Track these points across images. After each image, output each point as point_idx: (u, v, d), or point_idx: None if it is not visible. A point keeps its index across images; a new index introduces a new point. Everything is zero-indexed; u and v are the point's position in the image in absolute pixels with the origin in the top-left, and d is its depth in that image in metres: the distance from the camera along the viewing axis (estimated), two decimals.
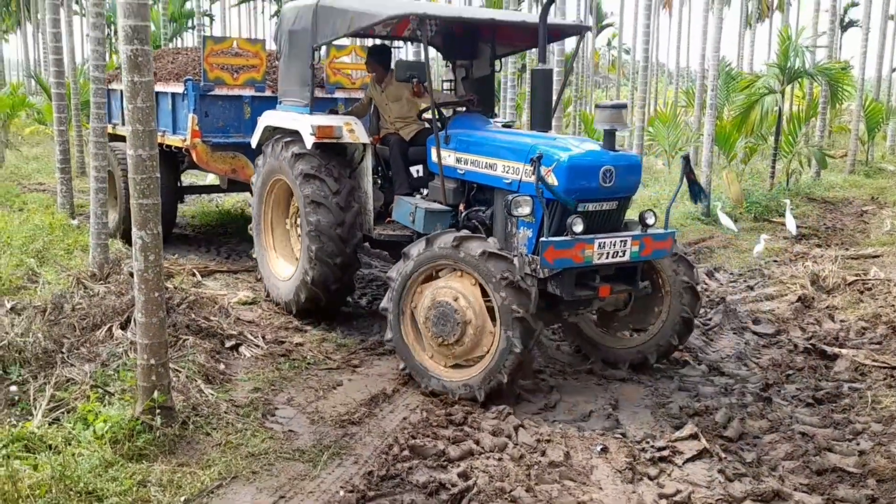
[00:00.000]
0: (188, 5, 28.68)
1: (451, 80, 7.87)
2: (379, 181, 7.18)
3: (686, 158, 5.95)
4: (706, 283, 8.96)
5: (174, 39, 28.04)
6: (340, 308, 7.28)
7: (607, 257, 5.37)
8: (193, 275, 8.50)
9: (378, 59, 7.47)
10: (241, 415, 4.98)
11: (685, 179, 5.87)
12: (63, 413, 4.63)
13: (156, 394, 4.46)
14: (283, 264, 7.51)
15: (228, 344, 6.18)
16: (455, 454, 4.58)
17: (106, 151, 7.72)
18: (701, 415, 5.29)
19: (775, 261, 9.93)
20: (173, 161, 9.56)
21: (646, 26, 15.49)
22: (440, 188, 6.37)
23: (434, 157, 6.39)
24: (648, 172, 17.55)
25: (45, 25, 6.87)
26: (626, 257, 5.44)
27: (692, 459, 4.70)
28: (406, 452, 4.56)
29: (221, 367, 5.67)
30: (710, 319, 7.57)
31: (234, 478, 4.22)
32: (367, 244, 7.22)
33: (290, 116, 7.12)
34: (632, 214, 6.09)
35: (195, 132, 8.37)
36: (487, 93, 7.51)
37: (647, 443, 4.88)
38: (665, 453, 4.74)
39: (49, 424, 4.50)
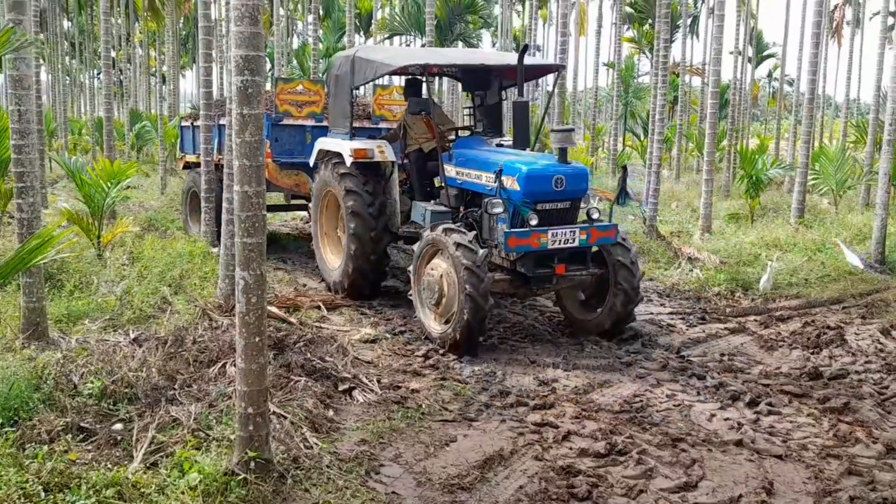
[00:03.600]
0: (343, 40, 29.66)
1: (469, 107, 9.65)
2: (406, 190, 9.00)
3: (624, 168, 8.22)
4: (881, 343, 7.84)
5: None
6: (380, 288, 9.16)
7: (560, 243, 7.20)
8: (318, 308, 8.36)
9: (411, 90, 9.38)
10: (344, 470, 4.61)
11: (620, 185, 8.00)
12: (162, 457, 4.43)
13: (253, 446, 4.17)
14: (333, 257, 9.49)
15: (342, 387, 5.87)
16: None
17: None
18: None
19: None
20: None
21: (812, 55, 14.25)
22: (446, 194, 8.26)
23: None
24: (812, 212, 16.11)
25: (199, 60, 7.42)
26: (576, 243, 7.29)
27: None
28: None
29: (330, 413, 5.35)
30: (886, 388, 6.52)
31: None
32: (399, 241, 8.89)
33: (335, 142, 9.08)
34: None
35: (268, 154, 10.35)
36: (497, 116, 9.20)
37: None
38: None
39: (146, 469, 4.31)
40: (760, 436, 5.55)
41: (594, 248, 7.72)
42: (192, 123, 12.71)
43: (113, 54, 40.67)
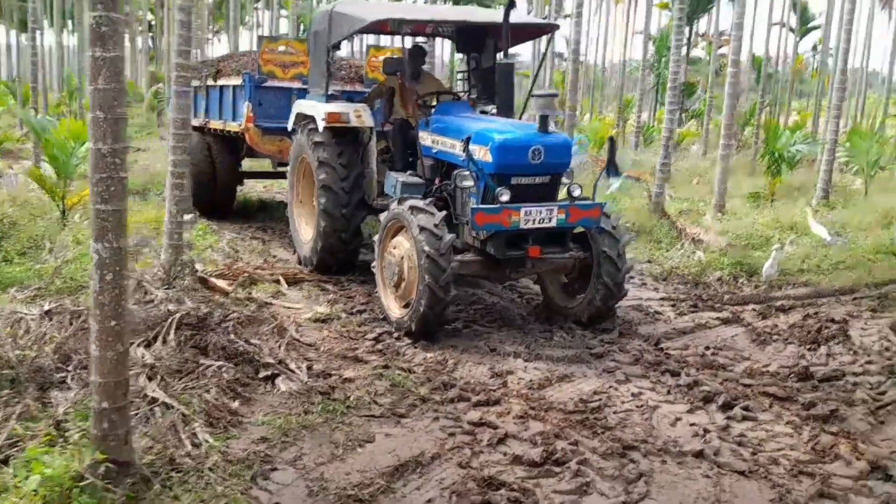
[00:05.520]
0: None
1: (463, 71, 8.98)
2: (388, 159, 8.22)
3: (612, 140, 7.55)
4: (889, 341, 7.04)
5: None
6: (353, 264, 8.50)
7: (534, 223, 6.44)
8: (278, 282, 7.81)
9: (411, 55, 8.31)
10: (229, 474, 4.05)
11: (608, 157, 7.34)
12: (17, 452, 3.90)
13: (108, 446, 3.62)
14: (307, 229, 8.80)
15: (263, 374, 5.30)
16: None
17: (185, 144, 7.26)
18: None
19: None
20: (234, 146, 11.09)
21: (848, 22, 13.22)
22: (421, 165, 7.58)
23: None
24: (842, 193, 15.10)
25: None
26: (553, 223, 6.52)
27: None
28: None
29: (236, 404, 4.78)
30: (883, 394, 5.75)
31: None
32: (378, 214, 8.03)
33: (311, 104, 8.31)
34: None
35: (249, 117, 9.81)
36: (492, 82, 8.09)
37: None
38: None
39: None
40: (727, 446, 4.86)
41: (578, 229, 7.03)
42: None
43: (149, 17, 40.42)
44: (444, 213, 6.53)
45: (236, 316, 5.82)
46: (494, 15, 8.32)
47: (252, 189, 14.53)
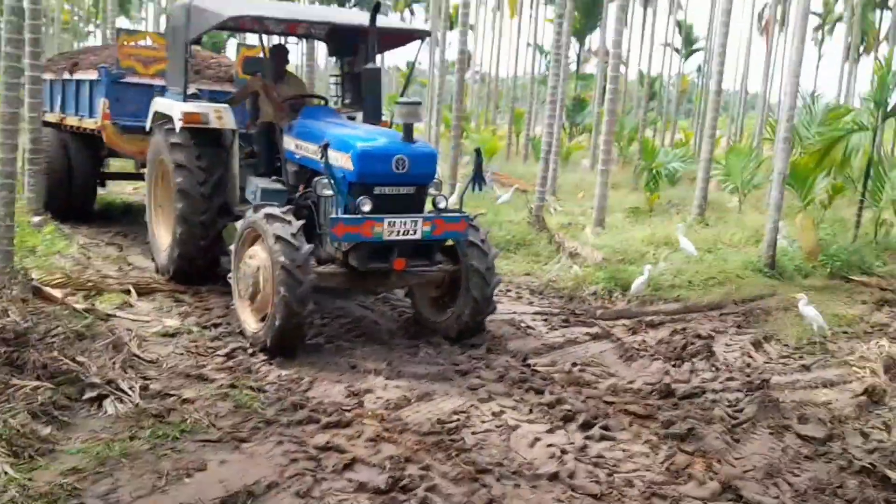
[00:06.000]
0: None
1: (336, 76, 8.59)
2: (253, 164, 7.86)
3: (478, 151, 7.56)
4: (750, 357, 7.15)
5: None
6: (211, 273, 7.83)
7: (398, 234, 6.22)
8: (128, 292, 7.25)
9: (272, 55, 7.94)
10: None
11: (475, 169, 7.28)
12: None
13: None
14: (165, 234, 8.12)
15: (89, 395, 4.80)
16: None
17: (14, 141, 6.67)
18: None
19: (845, 332, 8.02)
20: (94, 145, 10.39)
21: (721, 45, 13.65)
22: (284, 170, 7.30)
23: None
24: (718, 210, 15.55)
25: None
26: (418, 236, 6.30)
27: None
28: None
29: (47, 430, 4.28)
30: (740, 411, 5.76)
31: None
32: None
33: (168, 103, 7.82)
34: None
35: (105, 114, 9.28)
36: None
37: None
38: None
39: None
40: (584, 467, 4.72)
41: (448, 242, 6.81)
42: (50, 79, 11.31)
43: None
44: (301, 222, 6.18)
45: (64, 331, 5.27)
46: (361, 17, 8.00)
47: (119, 191, 13.71)
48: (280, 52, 8.12)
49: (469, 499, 4.19)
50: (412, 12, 42.62)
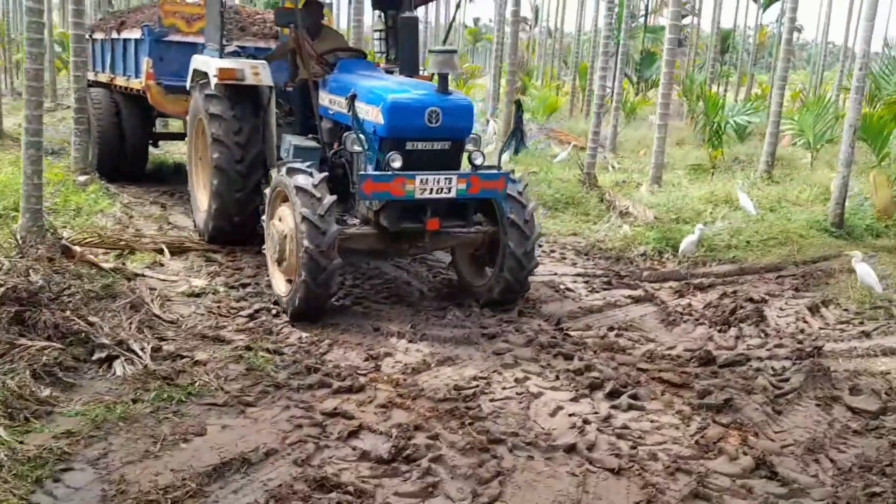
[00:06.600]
0: None
1: (381, 30, 8.35)
2: (292, 122, 7.61)
3: (518, 104, 7.55)
4: (805, 322, 6.67)
5: None
6: (250, 235, 7.45)
7: (431, 193, 5.87)
8: (161, 251, 7.22)
9: (307, 8, 7.63)
10: (16, 475, 3.51)
11: (514, 124, 6.94)
12: None
13: None
14: (204, 195, 7.97)
15: (98, 355, 4.74)
16: None
17: (39, 98, 6.69)
18: None
19: None
20: (145, 105, 10.10)
21: None
22: (319, 127, 6.96)
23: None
24: (788, 167, 14.71)
25: None
26: (452, 194, 5.93)
27: None
28: None
29: (47, 392, 4.22)
30: (786, 380, 5.35)
31: None
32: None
33: (205, 60, 7.61)
34: None
35: (149, 74, 9.05)
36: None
37: None
38: None
39: None
40: (605, 438, 4.44)
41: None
42: (90, 36, 11.36)
43: None
44: (325, 174, 5.99)
45: (79, 290, 5.21)
46: None
47: (174, 150, 13.79)
48: (315, 6, 7.84)
49: (475, 471, 3.95)
50: None
